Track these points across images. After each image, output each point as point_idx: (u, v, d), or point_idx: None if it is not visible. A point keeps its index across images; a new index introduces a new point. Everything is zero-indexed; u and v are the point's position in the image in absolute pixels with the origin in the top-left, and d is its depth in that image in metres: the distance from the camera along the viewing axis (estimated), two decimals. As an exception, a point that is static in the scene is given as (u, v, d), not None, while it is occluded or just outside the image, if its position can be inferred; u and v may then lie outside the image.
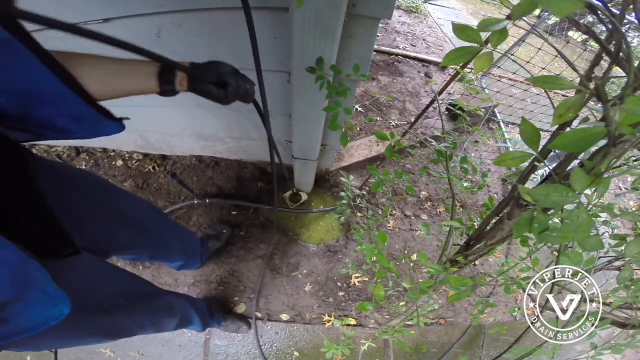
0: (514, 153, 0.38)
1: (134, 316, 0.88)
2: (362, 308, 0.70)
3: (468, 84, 1.08)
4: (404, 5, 3.76)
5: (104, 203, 0.82)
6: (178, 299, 1.16)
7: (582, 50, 3.70)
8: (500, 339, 1.74)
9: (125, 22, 0.86)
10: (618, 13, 0.31)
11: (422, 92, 2.60)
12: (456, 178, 0.82)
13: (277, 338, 1.54)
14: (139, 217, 0.95)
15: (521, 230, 0.36)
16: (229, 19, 0.84)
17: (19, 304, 0.50)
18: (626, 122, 0.27)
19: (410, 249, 1.83)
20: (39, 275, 0.53)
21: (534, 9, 0.30)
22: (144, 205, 1.01)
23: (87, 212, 0.76)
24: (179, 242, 1.19)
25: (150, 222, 1.00)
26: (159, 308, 1.00)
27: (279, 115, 1.25)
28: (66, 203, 0.69)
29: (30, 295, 0.51)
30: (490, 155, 2.35)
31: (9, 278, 0.49)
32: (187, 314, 1.18)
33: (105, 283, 0.78)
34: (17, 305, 0.50)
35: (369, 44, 0.87)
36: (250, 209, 1.78)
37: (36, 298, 0.52)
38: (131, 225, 0.91)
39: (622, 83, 0.32)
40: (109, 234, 0.83)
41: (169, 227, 1.13)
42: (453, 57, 0.37)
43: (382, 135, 0.77)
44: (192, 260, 1.38)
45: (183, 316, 1.15)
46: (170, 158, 1.86)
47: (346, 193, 1.19)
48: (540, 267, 0.60)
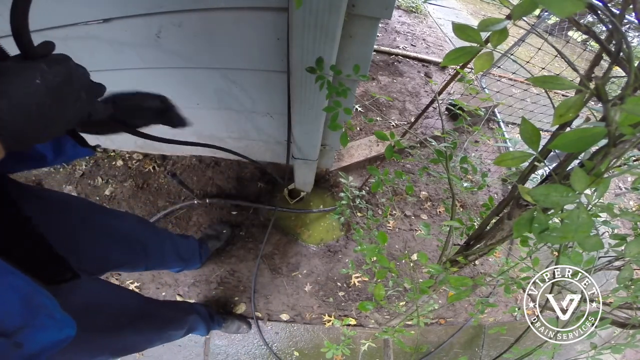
0: (514, 153, 0.38)
1: (141, 333, 0.88)
2: (362, 308, 0.70)
3: (468, 84, 1.08)
4: (404, 5, 3.76)
5: (92, 224, 0.81)
6: (182, 310, 1.17)
7: (582, 50, 3.70)
8: (500, 339, 1.74)
9: (125, 22, 0.85)
10: (618, 13, 0.31)
11: (422, 92, 2.59)
12: (456, 178, 0.82)
13: (277, 338, 1.54)
14: (129, 233, 0.94)
15: (521, 230, 0.36)
16: (229, 19, 0.84)
17: (27, 331, 0.49)
18: (626, 122, 0.27)
19: (411, 249, 1.83)
20: (47, 301, 0.54)
21: (534, 9, 0.30)
22: (132, 220, 1.01)
23: (77, 235, 0.76)
24: (172, 250, 1.19)
25: (141, 236, 1.00)
26: (164, 322, 1.01)
27: (279, 115, 1.24)
28: (55, 228, 0.68)
29: (39, 321, 0.51)
30: (490, 155, 2.35)
31: (19, 304, 0.49)
32: (192, 322, 1.20)
33: (108, 302, 0.78)
34: (26, 331, 0.49)
35: (369, 44, 0.87)
36: (250, 209, 1.78)
37: (45, 323, 0.52)
38: (123, 242, 0.90)
39: (623, 83, 0.32)
40: (102, 253, 0.83)
41: (160, 238, 1.13)
42: (453, 57, 0.37)
43: (382, 135, 0.77)
44: (190, 263, 1.39)
45: (190, 325, 1.17)
46: (170, 158, 1.86)
47: (346, 193, 1.19)
48: (540, 267, 0.60)
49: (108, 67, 1.05)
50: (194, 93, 1.18)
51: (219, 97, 1.19)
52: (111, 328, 0.75)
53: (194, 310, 1.24)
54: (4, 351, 0.47)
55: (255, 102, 1.19)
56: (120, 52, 0.97)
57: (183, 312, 1.17)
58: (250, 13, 0.80)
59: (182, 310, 1.19)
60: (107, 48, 0.96)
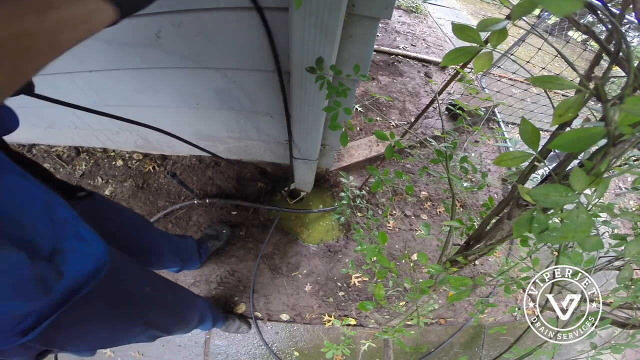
0: (514, 153, 0.38)
1: (166, 307, 0.89)
2: (362, 308, 0.70)
3: (468, 84, 1.08)
4: (404, 5, 3.76)
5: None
6: (195, 296, 1.17)
7: (582, 50, 3.70)
8: (500, 339, 1.74)
9: (124, 22, 0.85)
10: (618, 13, 0.31)
11: (422, 92, 2.59)
12: (456, 178, 0.82)
13: (277, 338, 1.54)
14: (125, 229, 0.92)
15: (521, 230, 0.36)
16: (229, 18, 0.84)
17: (63, 256, 0.51)
18: (626, 122, 0.27)
19: (411, 249, 1.83)
20: (67, 214, 0.54)
21: (533, 8, 0.30)
22: (129, 216, 0.98)
23: None
24: (169, 250, 1.18)
25: (137, 233, 0.98)
26: (186, 300, 1.02)
27: (279, 115, 1.25)
28: None
29: (71, 245, 0.52)
30: (490, 155, 2.35)
31: (42, 215, 0.50)
32: (204, 310, 1.19)
33: (134, 274, 0.78)
34: (62, 256, 0.51)
35: (369, 44, 0.87)
36: (250, 209, 1.78)
37: (74, 247, 0.53)
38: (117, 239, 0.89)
39: (622, 83, 0.32)
40: None
41: (156, 236, 1.12)
42: (453, 57, 0.37)
43: (382, 135, 0.77)
44: (189, 262, 1.38)
45: (201, 313, 1.16)
46: (170, 158, 1.86)
47: (346, 193, 1.19)
48: (540, 267, 0.60)
49: (108, 67, 1.06)
50: (194, 93, 1.18)
51: (218, 97, 1.19)
52: (140, 297, 0.75)
53: (203, 300, 1.24)
54: (48, 279, 0.47)
55: (255, 102, 1.19)
56: (120, 52, 0.97)
57: (195, 297, 1.17)
58: (250, 13, 0.80)
59: (194, 295, 1.18)
60: (107, 48, 0.96)
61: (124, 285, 0.71)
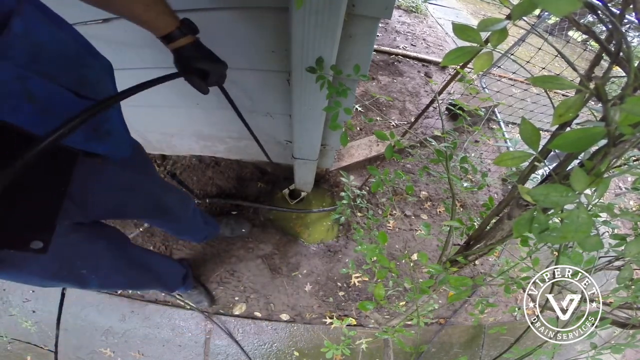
0: (514, 153, 0.38)
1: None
2: (362, 307, 0.70)
3: (468, 84, 1.08)
4: (404, 5, 3.75)
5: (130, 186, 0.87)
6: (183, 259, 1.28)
7: (582, 50, 3.70)
8: (500, 339, 1.74)
9: (124, 22, 0.85)
10: (618, 13, 0.31)
11: (422, 92, 2.59)
12: (456, 178, 0.82)
13: (277, 338, 1.54)
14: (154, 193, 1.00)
15: (521, 230, 0.36)
16: (229, 18, 0.84)
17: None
18: (626, 122, 0.27)
19: (411, 249, 1.83)
20: None
21: (534, 9, 0.30)
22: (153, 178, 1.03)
23: (110, 197, 0.80)
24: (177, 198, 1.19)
25: (163, 198, 1.04)
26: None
27: (279, 115, 1.25)
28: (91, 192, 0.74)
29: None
30: (490, 155, 2.35)
31: None
32: (186, 267, 1.33)
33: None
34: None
35: (369, 44, 0.87)
36: (250, 209, 1.78)
37: None
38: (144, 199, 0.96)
39: (622, 83, 0.32)
40: (122, 210, 0.89)
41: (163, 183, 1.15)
42: (453, 57, 0.37)
43: (382, 135, 0.77)
44: (193, 229, 1.39)
45: (169, 263, 1.31)
46: (170, 158, 1.86)
47: (346, 193, 1.19)
48: (540, 267, 0.60)
49: (108, 67, 1.05)
50: (194, 93, 1.17)
51: (218, 97, 1.19)
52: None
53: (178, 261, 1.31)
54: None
55: (255, 101, 1.19)
56: (120, 52, 0.97)
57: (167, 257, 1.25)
58: (250, 13, 0.80)
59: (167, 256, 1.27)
60: (107, 48, 0.96)
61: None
